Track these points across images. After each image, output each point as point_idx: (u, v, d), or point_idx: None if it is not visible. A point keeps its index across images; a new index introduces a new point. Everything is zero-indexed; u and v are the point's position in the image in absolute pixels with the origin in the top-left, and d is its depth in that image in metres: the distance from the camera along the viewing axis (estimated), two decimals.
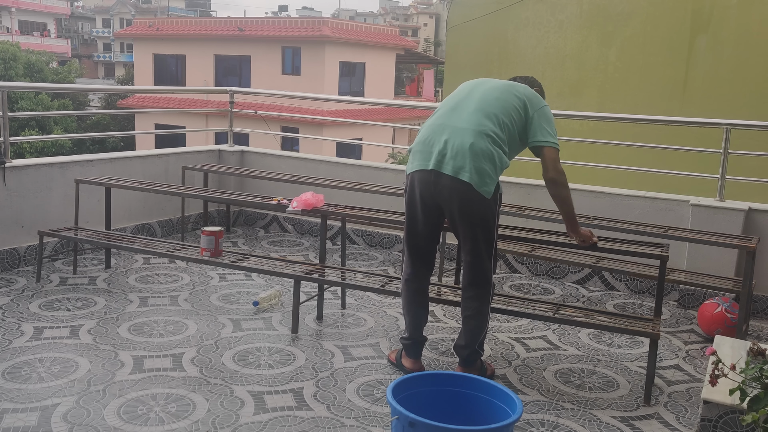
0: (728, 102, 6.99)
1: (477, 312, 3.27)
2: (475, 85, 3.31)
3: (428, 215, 3.23)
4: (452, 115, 3.17)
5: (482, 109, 3.14)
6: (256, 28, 25.45)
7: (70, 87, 17.80)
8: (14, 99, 25.00)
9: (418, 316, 3.38)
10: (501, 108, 3.15)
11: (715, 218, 4.60)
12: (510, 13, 8.79)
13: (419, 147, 3.18)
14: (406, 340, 3.42)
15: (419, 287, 3.37)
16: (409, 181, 3.23)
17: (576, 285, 5.13)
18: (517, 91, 3.23)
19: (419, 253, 3.33)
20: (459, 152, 3.06)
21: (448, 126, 3.13)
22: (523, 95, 3.22)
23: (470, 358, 3.33)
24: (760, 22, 6.99)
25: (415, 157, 3.19)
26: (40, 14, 52.26)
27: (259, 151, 6.64)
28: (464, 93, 3.27)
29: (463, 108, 3.18)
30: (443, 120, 3.18)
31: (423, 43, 55.43)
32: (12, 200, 4.76)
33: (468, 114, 3.14)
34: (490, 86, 3.26)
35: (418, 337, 3.40)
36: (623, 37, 7.90)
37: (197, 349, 3.60)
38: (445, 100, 3.32)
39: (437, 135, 3.14)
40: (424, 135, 3.20)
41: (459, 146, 3.06)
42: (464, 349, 3.31)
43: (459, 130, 3.09)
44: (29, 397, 3.01)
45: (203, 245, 4.13)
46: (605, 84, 7.98)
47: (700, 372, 3.67)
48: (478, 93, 3.23)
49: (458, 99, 3.25)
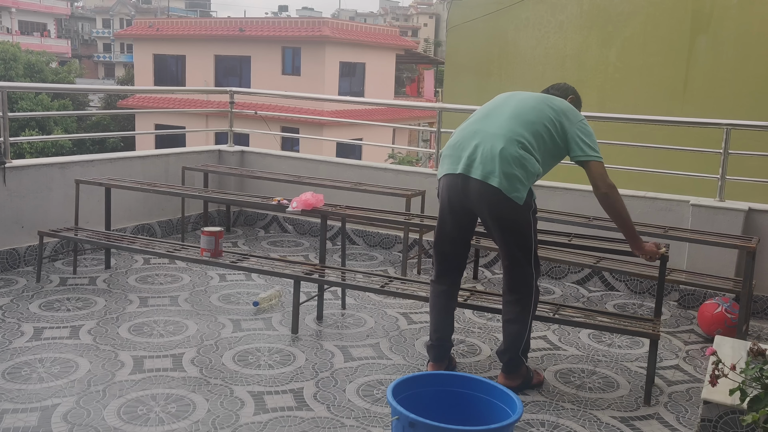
0: (728, 102, 7.00)
1: (517, 317, 3.20)
2: (510, 95, 3.30)
3: (457, 219, 3.19)
4: (485, 121, 3.15)
5: (516, 117, 3.11)
6: (256, 29, 25.45)
7: (70, 87, 17.82)
8: (14, 99, 25.01)
9: (442, 320, 3.32)
10: (535, 117, 3.12)
11: (715, 218, 4.60)
12: (510, 13, 8.79)
13: (449, 151, 3.16)
14: (429, 341, 3.38)
15: (443, 290, 3.31)
16: (439, 186, 3.22)
17: (576, 285, 5.13)
18: (552, 103, 3.20)
19: (445, 256, 3.29)
20: (488, 157, 3.02)
21: (480, 131, 3.11)
22: (559, 109, 3.19)
23: (510, 364, 3.26)
24: (760, 22, 6.99)
25: (444, 161, 3.18)
26: (40, 14, 52.25)
27: (259, 151, 6.64)
28: (499, 102, 3.26)
29: (497, 115, 3.15)
30: (476, 126, 3.15)
31: (423, 43, 55.42)
32: (12, 200, 4.76)
33: (501, 121, 3.11)
34: (526, 96, 3.25)
35: (436, 341, 3.33)
36: (623, 37, 7.91)
37: (197, 350, 3.60)
38: (480, 108, 3.30)
39: (468, 140, 3.11)
40: (455, 139, 3.18)
41: (489, 151, 3.03)
42: (504, 354, 3.26)
43: (490, 136, 3.06)
44: (29, 397, 3.01)
45: (203, 245, 4.13)
46: (605, 84, 7.98)
47: (700, 372, 3.67)
48: (513, 101, 3.21)
49: (492, 107, 3.23)
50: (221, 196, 5.11)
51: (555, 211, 4.84)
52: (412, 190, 5.32)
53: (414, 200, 5.28)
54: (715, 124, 4.93)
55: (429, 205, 5.29)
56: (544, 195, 5.19)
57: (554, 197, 5.15)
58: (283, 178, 5.81)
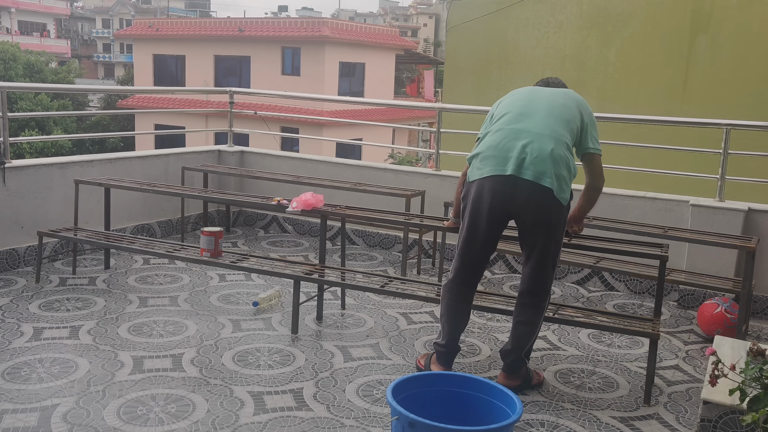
0: (728, 102, 7.00)
1: (531, 319, 3.19)
2: (533, 91, 3.24)
3: (493, 223, 3.11)
4: (524, 120, 3.07)
5: (554, 115, 3.08)
6: (256, 29, 25.44)
7: (70, 87, 17.81)
8: (14, 99, 25.00)
9: (458, 324, 3.27)
10: (570, 115, 3.11)
11: (715, 218, 4.60)
12: (510, 13, 8.79)
13: (491, 152, 3.03)
14: (441, 347, 3.29)
15: (464, 295, 3.26)
16: (476, 188, 3.08)
17: (576, 285, 5.13)
18: (576, 99, 3.20)
19: (473, 262, 3.21)
20: (539, 157, 2.97)
21: (524, 131, 3.03)
22: (581, 103, 3.20)
23: (514, 365, 3.24)
24: (760, 22, 6.99)
25: (486, 162, 3.04)
26: (39, 15, 52.24)
27: (258, 151, 6.64)
28: (526, 99, 3.17)
29: (534, 113, 3.09)
30: (515, 125, 3.06)
31: (423, 43, 55.42)
32: (12, 200, 4.75)
33: (541, 119, 3.06)
34: (553, 92, 3.21)
35: (453, 346, 3.29)
36: (623, 37, 7.91)
37: (197, 350, 3.60)
38: (507, 107, 3.17)
39: (512, 140, 3.02)
40: (494, 140, 3.06)
41: (539, 151, 2.97)
42: (509, 355, 3.24)
43: (537, 135, 3.01)
44: (29, 397, 3.00)
45: (203, 246, 4.13)
46: (605, 84, 7.98)
47: (699, 372, 3.67)
48: (544, 99, 3.16)
49: (523, 104, 3.14)
50: (221, 197, 5.11)
51: None
52: (412, 190, 5.32)
53: (414, 200, 5.28)
54: (715, 124, 4.93)
55: (429, 205, 5.29)
56: None
57: None
58: (282, 178, 5.81)
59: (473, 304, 3.46)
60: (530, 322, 3.20)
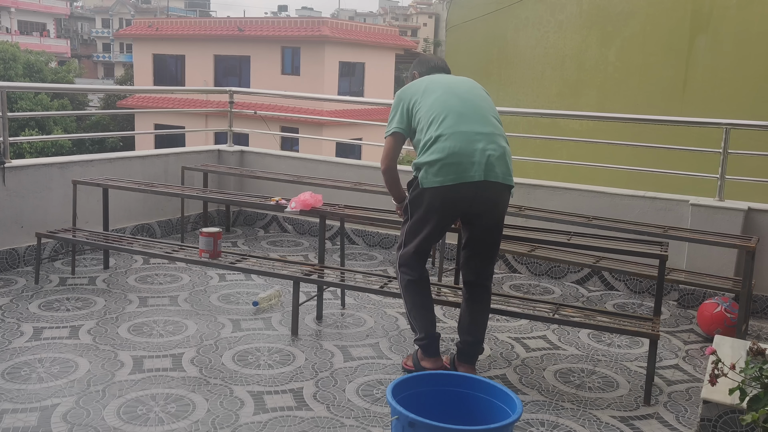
0: (728, 102, 6.99)
1: (488, 306, 3.39)
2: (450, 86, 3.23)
3: (448, 224, 3.27)
4: (467, 121, 3.09)
5: (487, 110, 3.20)
6: (256, 29, 25.45)
7: (70, 87, 17.79)
8: (14, 99, 25.00)
9: (430, 311, 3.35)
10: (492, 104, 3.28)
11: (715, 218, 4.60)
12: (509, 13, 8.79)
13: (453, 159, 3.02)
14: (422, 340, 3.32)
15: (427, 284, 3.36)
16: (440, 195, 3.08)
17: (576, 285, 5.13)
18: (480, 86, 3.35)
19: (424, 257, 3.33)
20: (500, 158, 3.07)
21: (474, 133, 3.07)
22: (484, 90, 3.35)
23: (478, 353, 3.36)
24: (759, 22, 6.99)
25: (447, 170, 3.03)
26: (39, 14, 52.24)
27: (258, 151, 6.64)
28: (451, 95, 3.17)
29: (472, 112, 3.13)
30: (463, 128, 3.07)
31: (422, 43, 55.43)
32: (11, 200, 4.75)
33: (481, 117, 3.13)
34: (468, 85, 3.30)
35: (434, 334, 3.34)
36: (623, 37, 7.90)
37: (197, 350, 3.60)
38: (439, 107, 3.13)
39: (469, 144, 3.04)
40: (451, 147, 3.04)
41: (498, 152, 3.07)
42: (475, 345, 3.32)
43: (489, 136, 3.09)
44: (29, 397, 3.00)
45: (202, 246, 4.12)
46: (605, 84, 7.97)
47: (699, 372, 3.67)
48: (468, 94, 3.22)
49: (454, 103, 3.14)
50: (221, 196, 5.11)
51: (555, 211, 4.84)
52: None
53: None
54: (715, 124, 4.93)
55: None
56: (544, 195, 5.20)
57: (554, 197, 5.15)
58: (282, 177, 5.81)
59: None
60: (488, 308, 3.38)
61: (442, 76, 3.34)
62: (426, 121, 3.14)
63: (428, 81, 3.29)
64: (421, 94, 3.22)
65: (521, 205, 5.01)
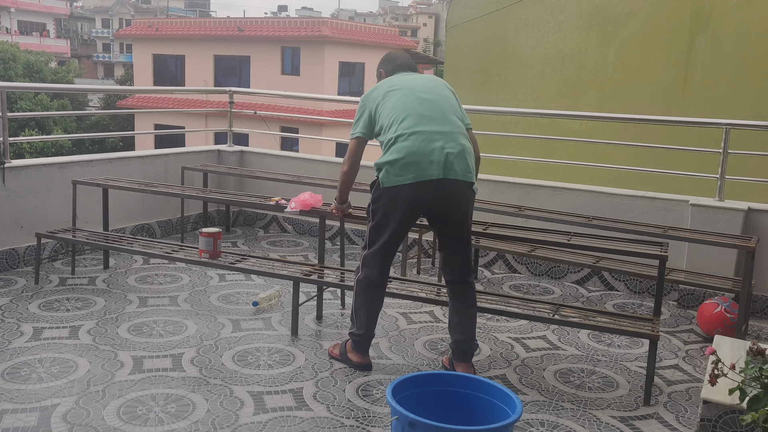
0: (728, 102, 6.99)
1: (475, 302, 3.39)
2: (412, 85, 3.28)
3: (410, 224, 3.29)
4: (427, 121, 3.15)
5: (448, 108, 3.24)
6: (256, 29, 25.44)
7: (69, 87, 17.78)
8: (13, 99, 25.01)
9: (377, 313, 3.44)
10: (453, 102, 3.31)
11: (715, 218, 4.60)
12: (509, 13, 8.79)
13: (412, 158, 3.08)
14: (358, 336, 3.43)
15: (384, 284, 3.43)
16: (400, 194, 3.13)
17: (575, 285, 5.13)
18: (442, 81, 3.40)
19: (391, 257, 3.38)
20: (459, 156, 3.12)
21: (433, 133, 3.12)
22: (449, 87, 3.38)
23: (473, 350, 3.38)
24: (759, 22, 6.99)
25: (407, 169, 3.09)
26: (39, 14, 52.23)
27: (258, 151, 6.64)
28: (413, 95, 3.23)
29: (433, 112, 3.19)
30: (423, 128, 3.13)
31: (422, 43, 55.43)
32: (11, 200, 4.75)
33: (441, 116, 3.18)
34: (431, 84, 3.33)
35: (371, 334, 3.46)
36: (623, 37, 7.90)
37: (197, 350, 3.60)
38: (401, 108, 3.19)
39: (428, 143, 3.10)
40: (411, 146, 3.10)
41: (457, 150, 3.12)
42: (468, 342, 3.33)
43: (448, 135, 3.14)
44: (29, 397, 3.00)
45: (201, 247, 4.12)
46: (605, 84, 7.97)
47: (699, 372, 3.67)
48: (429, 94, 3.26)
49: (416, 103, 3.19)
50: (220, 196, 5.11)
51: (554, 211, 4.84)
52: None
53: None
54: (715, 124, 4.93)
55: None
56: (544, 195, 5.20)
57: (554, 197, 5.15)
58: (282, 177, 5.81)
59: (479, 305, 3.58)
60: (474, 305, 3.38)
61: (405, 76, 3.38)
62: (387, 123, 3.22)
63: (390, 83, 3.36)
64: (383, 97, 3.30)
65: (521, 205, 5.02)
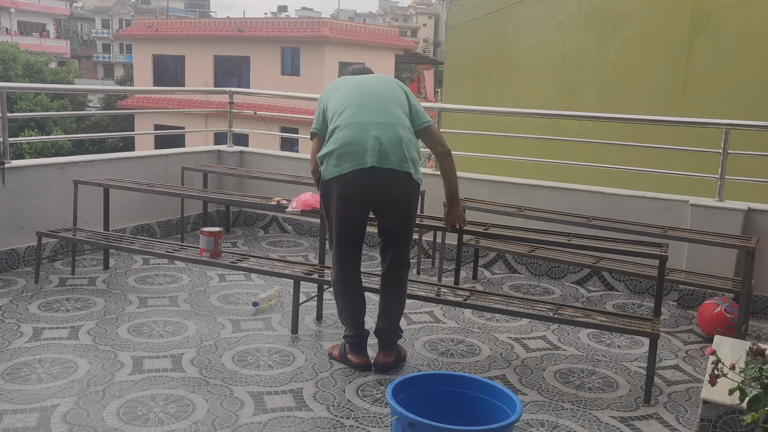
0: (727, 102, 7.00)
1: (402, 296, 3.43)
2: (358, 82, 3.34)
3: (364, 213, 3.28)
4: (366, 112, 3.18)
5: (389, 102, 3.25)
6: (256, 29, 25.44)
7: (69, 87, 17.81)
8: (13, 99, 24.99)
9: (361, 312, 3.44)
10: (399, 98, 3.30)
11: (715, 218, 4.60)
12: (509, 13, 8.80)
13: (347, 148, 3.13)
14: (351, 337, 3.45)
15: (355, 281, 3.42)
16: (339, 184, 3.17)
17: (575, 285, 5.13)
18: (392, 79, 3.42)
19: (355, 252, 3.37)
20: (394, 145, 3.12)
21: (370, 123, 3.15)
22: (397, 82, 3.41)
23: (393, 340, 3.44)
24: (759, 22, 7.00)
25: (342, 159, 3.14)
26: (39, 15, 52.22)
27: (258, 151, 6.64)
28: (357, 91, 3.28)
29: (373, 104, 3.21)
30: (360, 119, 3.17)
31: (422, 43, 55.42)
32: (11, 201, 4.75)
33: (382, 108, 3.20)
34: (376, 80, 3.36)
35: (362, 332, 3.46)
36: (622, 37, 7.91)
37: (197, 350, 3.60)
38: (343, 102, 3.25)
39: (363, 133, 3.13)
40: (345, 136, 3.15)
41: (392, 139, 3.13)
42: (387, 333, 3.41)
43: (385, 125, 3.15)
44: (29, 398, 3.00)
45: (202, 246, 4.12)
46: (604, 84, 7.98)
47: (699, 372, 3.67)
48: (373, 87, 3.29)
49: (358, 97, 3.24)
50: (220, 197, 5.11)
51: (554, 211, 4.84)
52: None
53: None
54: (714, 124, 4.93)
55: (428, 205, 5.28)
56: (544, 195, 5.20)
57: (554, 197, 5.15)
58: (282, 178, 5.81)
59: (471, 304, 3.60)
60: (402, 298, 3.43)
61: (357, 76, 3.42)
62: (330, 116, 3.28)
63: (340, 80, 3.41)
64: (331, 94, 3.36)
65: (521, 206, 5.02)
